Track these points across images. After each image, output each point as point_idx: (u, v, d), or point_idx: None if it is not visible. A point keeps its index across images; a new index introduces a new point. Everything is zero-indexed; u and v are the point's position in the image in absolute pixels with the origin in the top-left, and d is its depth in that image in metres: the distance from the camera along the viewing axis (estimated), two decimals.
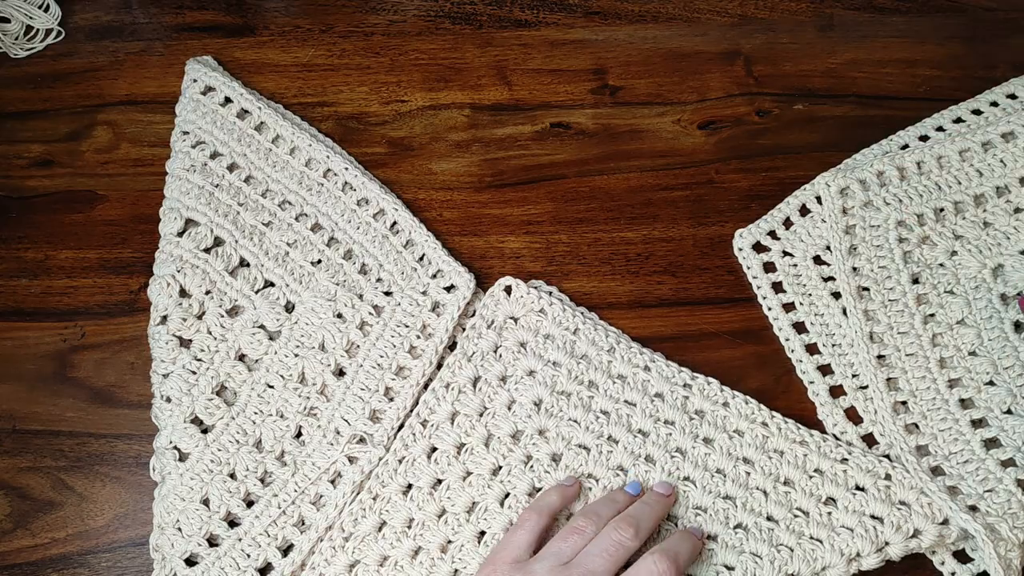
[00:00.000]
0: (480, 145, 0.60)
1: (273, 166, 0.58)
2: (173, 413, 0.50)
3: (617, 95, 0.62)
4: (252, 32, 0.65)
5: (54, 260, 0.57)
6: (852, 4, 0.66)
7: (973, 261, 0.53)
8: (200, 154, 0.57)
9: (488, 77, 0.63)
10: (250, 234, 0.55)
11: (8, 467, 0.51)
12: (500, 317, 0.52)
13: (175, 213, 0.55)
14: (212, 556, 0.47)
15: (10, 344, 0.54)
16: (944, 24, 0.65)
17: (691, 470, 0.48)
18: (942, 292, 0.53)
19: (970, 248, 0.54)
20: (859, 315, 0.52)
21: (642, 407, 0.49)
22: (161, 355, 0.51)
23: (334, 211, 0.56)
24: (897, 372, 0.51)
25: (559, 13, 0.65)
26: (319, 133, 0.60)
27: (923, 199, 0.55)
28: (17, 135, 0.61)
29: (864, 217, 0.54)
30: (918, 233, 0.54)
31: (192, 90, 0.60)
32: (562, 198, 0.58)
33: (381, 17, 0.66)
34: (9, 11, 0.64)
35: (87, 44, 0.64)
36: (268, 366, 0.51)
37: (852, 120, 0.61)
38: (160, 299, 0.53)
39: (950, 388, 0.50)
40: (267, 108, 0.59)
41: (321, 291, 0.53)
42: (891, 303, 0.52)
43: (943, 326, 0.52)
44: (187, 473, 0.48)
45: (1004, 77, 0.63)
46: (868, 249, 0.54)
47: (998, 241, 0.54)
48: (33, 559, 0.48)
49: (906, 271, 0.53)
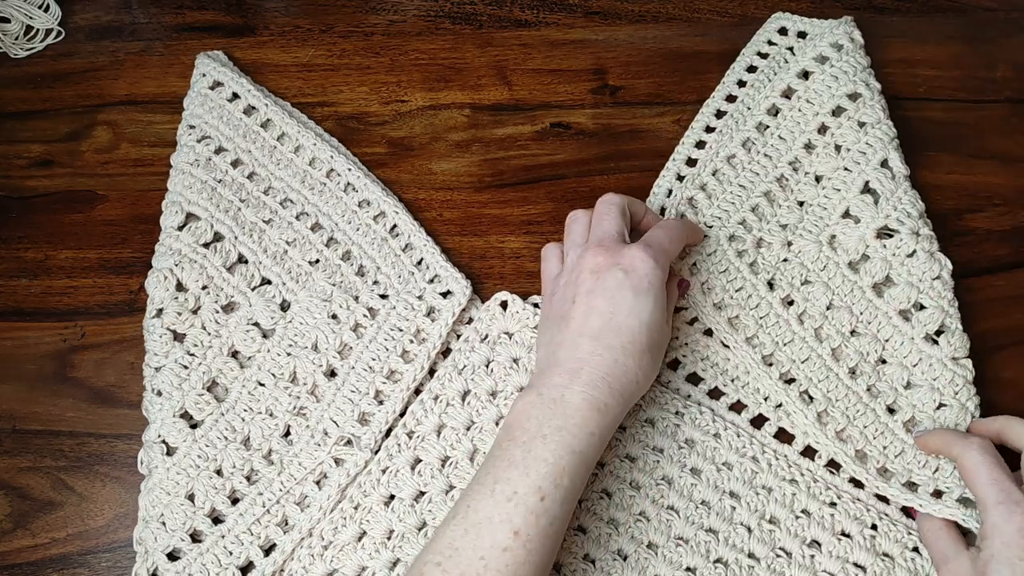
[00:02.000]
0: (480, 145, 0.60)
1: (277, 164, 0.58)
2: (163, 407, 0.50)
3: (617, 95, 0.62)
4: (252, 32, 0.65)
5: (54, 260, 0.57)
6: (852, 4, 0.66)
7: (808, 243, 0.53)
8: (205, 149, 0.57)
9: (488, 77, 0.63)
10: (250, 231, 0.55)
11: (8, 467, 0.51)
12: (494, 331, 0.52)
13: (177, 207, 0.55)
14: (195, 552, 0.47)
15: (10, 344, 0.54)
16: (944, 24, 0.65)
17: (676, 499, 0.47)
18: (799, 286, 0.53)
19: (800, 232, 0.54)
20: (742, 347, 0.51)
21: (631, 433, 0.49)
22: (155, 348, 0.51)
23: (335, 211, 0.56)
24: (805, 383, 0.50)
25: (559, 13, 0.65)
26: (324, 133, 0.60)
27: (737, 205, 0.55)
28: (17, 135, 0.61)
29: (698, 250, 0.54)
30: (751, 239, 0.54)
31: (200, 84, 0.60)
32: (562, 198, 0.58)
33: (381, 17, 0.66)
34: (9, 11, 0.64)
35: (87, 44, 0.64)
36: (260, 364, 0.51)
37: None
38: (157, 292, 0.53)
39: (854, 379, 0.50)
40: (274, 105, 0.59)
41: (317, 291, 0.53)
42: (763, 320, 0.51)
43: (818, 318, 0.52)
44: (174, 468, 0.48)
45: (1004, 77, 0.63)
46: (716, 278, 0.52)
47: (818, 215, 0.54)
48: (33, 559, 0.48)
49: (759, 281, 0.52)
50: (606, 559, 0.46)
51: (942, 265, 0.52)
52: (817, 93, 0.57)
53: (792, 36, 0.62)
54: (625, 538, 0.46)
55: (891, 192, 0.53)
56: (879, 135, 0.55)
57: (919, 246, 0.52)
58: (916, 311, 0.52)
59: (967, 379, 0.50)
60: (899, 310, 0.51)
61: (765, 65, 0.61)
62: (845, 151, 0.55)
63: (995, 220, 0.58)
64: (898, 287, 0.52)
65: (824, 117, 0.57)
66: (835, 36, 0.59)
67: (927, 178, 0.59)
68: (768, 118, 0.58)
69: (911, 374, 0.50)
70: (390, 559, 0.47)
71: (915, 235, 0.52)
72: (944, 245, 0.54)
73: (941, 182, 0.59)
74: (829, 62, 0.58)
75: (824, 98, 0.57)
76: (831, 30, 0.59)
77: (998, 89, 0.63)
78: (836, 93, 0.57)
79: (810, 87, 0.58)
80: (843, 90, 0.57)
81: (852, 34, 0.59)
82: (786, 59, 0.60)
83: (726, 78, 0.61)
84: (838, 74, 0.57)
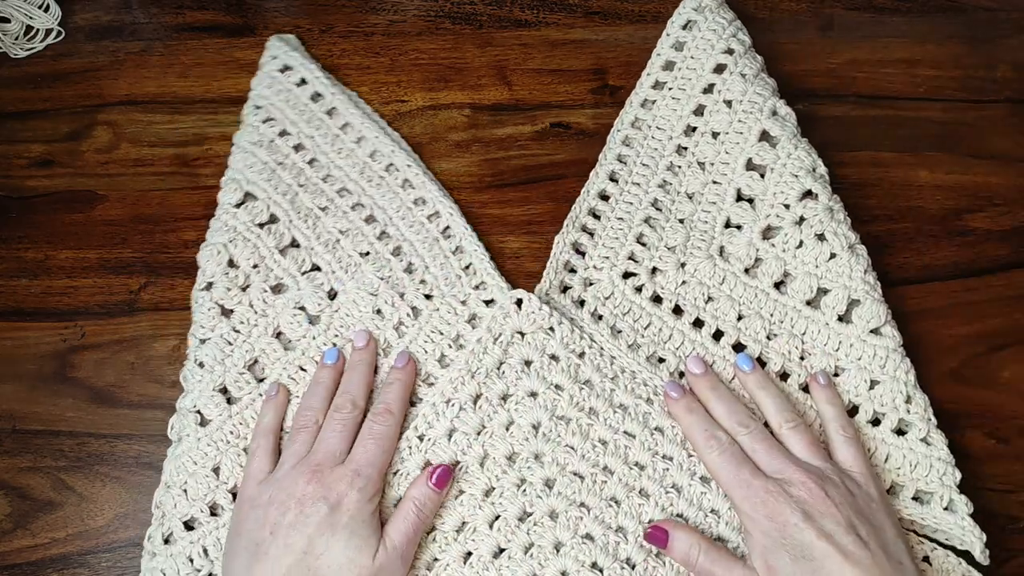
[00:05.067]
0: (480, 145, 0.60)
1: (338, 152, 0.58)
2: (203, 379, 0.50)
3: (617, 95, 0.62)
4: (252, 32, 0.65)
5: (54, 260, 0.57)
6: (852, 4, 0.66)
7: (701, 260, 0.53)
8: (269, 130, 0.58)
9: (488, 77, 0.63)
10: (305, 216, 0.55)
11: (8, 467, 0.51)
12: (507, 331, 0.51)
13: (236, 184, 0.55)
14: (211, 525, 0.47)
15: (10, 344, 0.54)
16: (944, 24, 0.65)
17: (685, 507, 0.47)
18: (704, 305, 0.52)
19: (690, 251, 0.53)
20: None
21: (641, 440, 0.49)
22: (201, 320, 0.52)
23: (390, 206, 0.56)
24: (744, 402, 0.49)
25: (559, 13, 0.65)
26: (388, 127, 0.60)
27: (621, 239, 0.54)
28: (17, 135, 0.61)
29: (595, 295, 0.53)
30: (644, 270, 0.53)
31: (270, 66, 0.60)
32: (562, 198, 0.58)
33: (381, 17, 0.66)
34: (9, 11, 0.64)
35: (87, 44, 0.64)
36: (304, 349, 0.51)
37: (852, 120, 0.61)
38: (208, 265, 0.53)
39: (786, 382, 0.50)
40: (340, 94, 0.59)
41: (365, 283, 0.53)
42: (680, 350, 0.51)
43: (732, 332, 0.51)
44: (204, 439, 0.49)
45: (1004, 77, 0.63)
46: (622, 320, 0.52)
47: (702, 230, 0.54)
48: (33, 559, 0.49)
49: (664, 312, 0.52)
50: (614, 568, 0.46)
51: (833, 243, 0.51)
52: (671, 110, 0.58)
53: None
54: (634, 547, 0.46)
55: (780, 165, 0.54)
56: (747, 108, 0.56)
57: (818, 224, 0.52)
58: (822, 296, 0.52)
59: (890, 348, 0.50)
60: (805, 301, 0.52)
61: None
62: (709, 165, 0.56)
63: (995, 220, 0.58)
64: (797, 279, 0.52)
65: (679, 139, 0.57)
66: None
67: (927, 178, 0.59)
68: (625, 150, 0.58)
69: (837, 360, 0.51)
70: None
71: (799, 223, 0.52)
72: (944, 245, 0.54)
73: (941, 182, 0.59)
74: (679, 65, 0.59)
75: (673, 120, 0.57)
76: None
77: (998, 89, 0.63)
78: (684, 113, 0.57)
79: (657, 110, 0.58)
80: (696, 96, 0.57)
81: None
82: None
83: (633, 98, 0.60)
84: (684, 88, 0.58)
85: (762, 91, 0.56)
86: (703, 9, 0.59)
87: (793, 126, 0.55)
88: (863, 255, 0.51)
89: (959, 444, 0.51)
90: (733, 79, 0.57)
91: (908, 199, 0.59)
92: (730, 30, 0.58)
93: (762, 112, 0.55)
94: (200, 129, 0.61)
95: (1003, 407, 0.53)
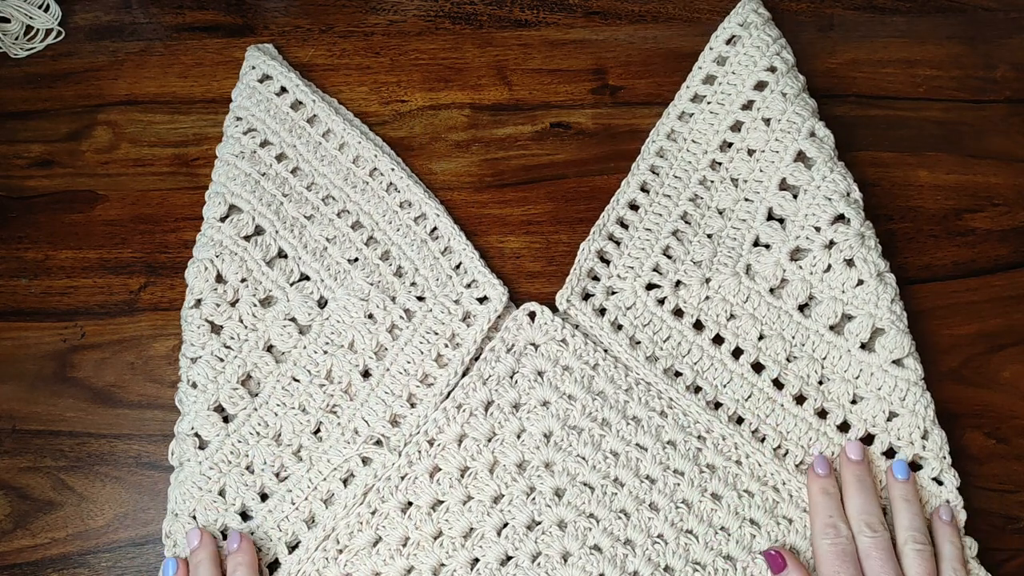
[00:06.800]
0: (480, 145, 0.60)
1: (321, 160, 0.57)
2: (197, 400, 0.50)
3: (617, 95, 0.62)
4: (252, 32, 0.65)
5: (54, 260, 0.57)
6: (852, 4, 0.66)
7: (726, 277, 0.53)
8: (251, 141, 0.57)
9: (488, 77, 0.63)
10: (291, 226, 0.55)
11: (8, 467, 0.51)
12: (520, 342, 0.51)
13: (220, 198, 0.55)
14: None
15: (10, 344, 0.54)
16: (944, 24, 0.65)
17: (695, 524, 0.47)
18: (726, 322, 0.52)
19: (716, 267, 0.53)
20: (684, 396, 0.50)
21: (653, 453, 0.49)
22: (191, 339, 0.51)
23: (376, 211, 0.56)
24: (754, 421, 0.50)
25: (559, 13, 0.65)
26: (370, 131, 0.60)
27: (647, 250, 0.54)
28: (17, 135, 0.61)
29: (617, 304, 0.52)
30: (668, 283, 0.53)
31: (249, 77, 0.60)
32: (562, 198, 0.58)
33: (381, 17, 0.66)
34: (9, 11, 0.64)
35: (87, 44, 0.64)
36: (296, 360, 0.51)
37: (852, 120, 0.61)
38: (196, 282, 0.53)
39: (801, 406, 0.50)
40: (321, 101, 0.59)
41: (355, 290, 0.53)
42: (698, 365, 0.51)
43: (752, 351, 0.51)
44: (206, 462, 0.49)
45: (1004, 77, 0.63)
46: (642, 331, 0.52)
47: (730, 247, 0.54)
48: (33, 559, 0.49)
49: (685, 326, 0.52)
50: None
51: (862, 270, 0.51)
52: (707, 124, 0.57)
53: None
54: (642, 560, 0.46)
55: (814, 189, 0.53)
56: (784, 128, 0.55)
57: (847, 249, 0.51)
58: (846, 322, 0.51)
59: (911, 381, 0.49)
60: (829, 325, 0.51)
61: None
62: (742, 182, 0.56)
63: (995, 220, 0.58)
64: (823, 303, 0.51)
65: (714, 154, 0.57)
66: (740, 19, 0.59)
67: (927, 178, 0.59)
68: (658, 161, 0.57)
69: (856, 387, 0.50)
70: (404, 567, 0.46)
71: (828, 247, 0.52)
72: (944, 245, 0.54)
73: (941, 182, 0.59)
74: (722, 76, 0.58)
75: (710, 135, 0.57)
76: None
77: (998, 89, 0.63)
78: (721, 128, 0.57)
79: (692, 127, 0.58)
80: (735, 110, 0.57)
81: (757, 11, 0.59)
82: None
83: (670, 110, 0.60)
84: (716, 110, 0.58)
85: (802, 111, 0.56)
86: (748, 25, 0.59)
87: (831, 148, 0.55)
88: (891, 284, 0.51)
89: (959, 444, 0.51)
90: (773, 97, 0.56)
91: (908, 199, 0.59)
92: (774, 48, 0.58)
93: (800, 132, 0.55)
94: (200, 129, 0.61)
95: (1003, 407, 0.53)
